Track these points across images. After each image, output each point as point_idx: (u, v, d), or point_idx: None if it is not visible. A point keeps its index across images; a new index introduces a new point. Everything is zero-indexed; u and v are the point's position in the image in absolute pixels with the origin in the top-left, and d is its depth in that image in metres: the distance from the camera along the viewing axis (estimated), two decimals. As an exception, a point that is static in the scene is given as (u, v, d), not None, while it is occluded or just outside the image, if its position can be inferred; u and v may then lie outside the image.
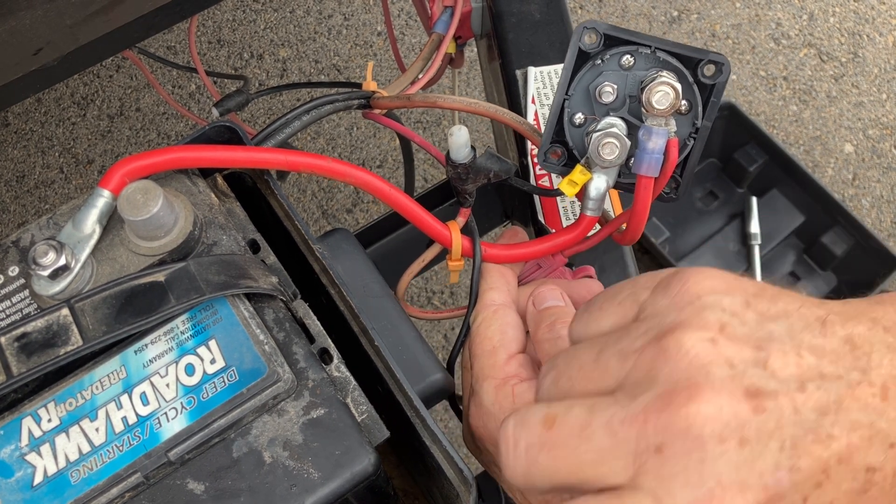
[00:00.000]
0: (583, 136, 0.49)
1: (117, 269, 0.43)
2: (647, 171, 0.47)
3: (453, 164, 0.49)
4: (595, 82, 0.48)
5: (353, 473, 0.40)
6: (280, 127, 0.55)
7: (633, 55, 0.47)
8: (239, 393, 0.40)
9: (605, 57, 0.47)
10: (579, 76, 0.48)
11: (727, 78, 0.47)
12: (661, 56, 0.47)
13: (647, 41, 0.47)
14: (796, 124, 1.67)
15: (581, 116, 0.49)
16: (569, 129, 0.49)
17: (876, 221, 1.60)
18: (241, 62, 1.70)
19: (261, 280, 0.44)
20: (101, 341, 0.40)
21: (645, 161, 0.46)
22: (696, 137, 0.49)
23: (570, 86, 0.48)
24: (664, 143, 0.46)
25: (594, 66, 0.48)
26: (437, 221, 0.51)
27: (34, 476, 0.39)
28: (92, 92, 1.68)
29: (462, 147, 0.49)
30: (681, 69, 0.47)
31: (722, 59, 0.46)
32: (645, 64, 0.47)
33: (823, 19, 1.76)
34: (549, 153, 0.50)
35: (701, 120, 0.48)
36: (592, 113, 0.49)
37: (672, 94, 0.45)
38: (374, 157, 1.62)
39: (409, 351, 0.49)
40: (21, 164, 1.63)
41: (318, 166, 0.47)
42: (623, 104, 0.48)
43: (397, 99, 0.57)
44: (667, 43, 0.47)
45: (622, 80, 0.48)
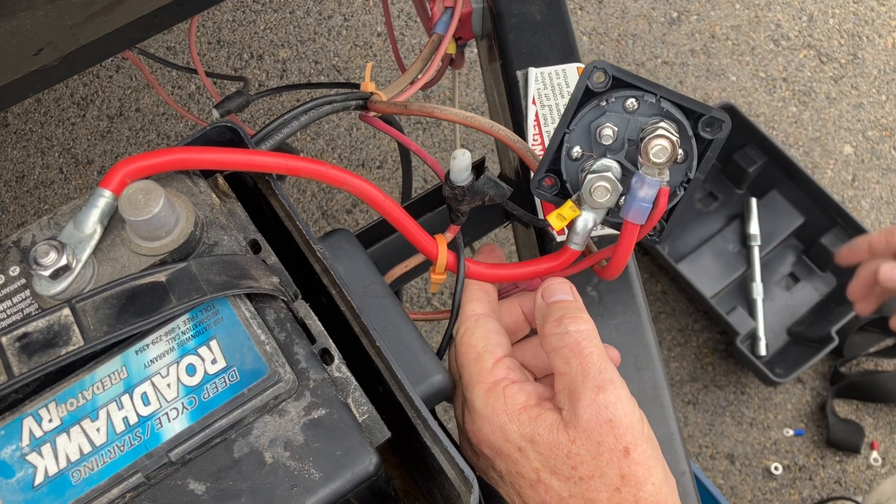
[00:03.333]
0: (578, 170, 0.50)
1: (118, 269, 0.43)
2: (634, 217, 0.48)
3: (451, 185, 0.50)
4: (597, 122, 0.49)
5: (354, 474, 0.40)
6: (278, 127, 0.55)
7: (637, 100, 0.48)
8: (240, 393, 0.40)
9: (611, 99, 0.48)
10: (583, 112, 0.49)
11: (726, 135, 0.48)
12: (665, 106, 0.48)
13: (654, 89, 0.47)
14: (796, 125, 1.67)
15: (579, 150, 0.50)
16: (565, 162, 0.50)
17: (875, 223, 1.60)
18: (241, 63, 1.71)
19: (262, 280, 0.44)
20: (103, 341, 0.40)
21: (633, 207, 0.47)
22: (687, 188, 0.50)
23: (573, 121, 0.49)
24: (655, 193, 0.47)
25: (598, 106, 0.48)
26: (425, 235, 0.51)
27: (35, 476, 0.39)
28: (92, 92, 1.68)
29: (463, 171, 0.49)
30: (682, 121, 0.48)
31: (723, 117, 0.47)
32: (648, 110, 0.48)
33: (823, 21, 1.76)
34: (542, 180, 0.51)
35: (694, 172, 0.49)
36: (590, 149, 0.49)
37: (669, 150, 0.46)
38: (374, 157, 1.62)
39: (409, 351, 0.49)
40: (21, 164, 1.63)
41: (316, 171, 0.48)
42: (621, 147, 0.49)
43: (394, 105, 0.57)
44: (672, 94, 0.47)
45: (624, 123, 0.48)
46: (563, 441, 0.44)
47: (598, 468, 0.43)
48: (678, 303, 1.55)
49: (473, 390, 0.47)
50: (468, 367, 0.49)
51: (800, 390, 1.50)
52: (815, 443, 1.46)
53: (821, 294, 1.53)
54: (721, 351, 1.52)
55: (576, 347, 0.45)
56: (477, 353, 0.49)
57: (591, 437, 0.43)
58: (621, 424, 0.43)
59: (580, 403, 0.44)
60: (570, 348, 0.45)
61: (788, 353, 1.45)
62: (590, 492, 0.43)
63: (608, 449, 0.43)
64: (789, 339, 1.49)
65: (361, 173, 1.61)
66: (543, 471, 0.44)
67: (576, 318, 0.47)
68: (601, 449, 0.43)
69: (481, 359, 0.48)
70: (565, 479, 0.44)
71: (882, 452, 1.46)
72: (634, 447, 0.43)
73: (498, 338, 0.50)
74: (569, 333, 0.46)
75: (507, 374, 0.48)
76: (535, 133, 0.62)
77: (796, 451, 1.46)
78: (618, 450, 0.43)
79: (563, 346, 0.46)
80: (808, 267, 1.54)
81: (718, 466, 1.45)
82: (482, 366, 0.48)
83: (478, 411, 0.47)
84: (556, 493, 0.44)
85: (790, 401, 1.49)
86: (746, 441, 1.46)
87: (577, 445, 0.44)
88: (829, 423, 1.44)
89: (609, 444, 0.43)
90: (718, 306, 1.45)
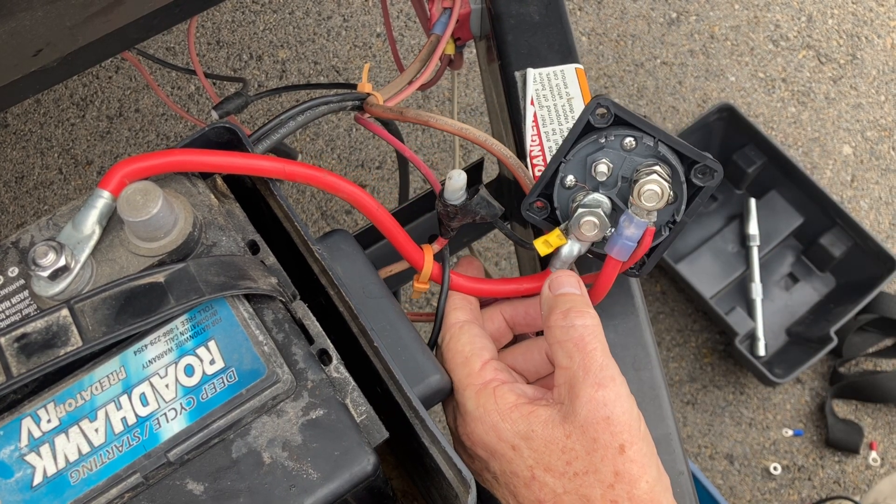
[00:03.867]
0: (569, 199, 0.51)
1: (117, 269, 0.43)
2: (618, 254, 0.49)
3: (445, 202, 0.51)
4: (594, 156, 0.49)
5: (352, 474, 0.40)
6: (275, 127, 0.55)
7: (636, 140, 0.49)
8: (238, 394, 0.41)
9: (610, 136, 0.49)
10: (581, 145, 0.49)
11: (717, 184, 0.49)
12: (661, 150, 0.48)
13: (653, 132, 0.48)
14: (795, 126, 1.67)
15: (572, 179, 0.50)
16: (558, 189, 0.51)
17: (874, 223, 1.60)
18: (241, 63, 1.71)
19: (260, 281, 0.44)
20: (101, 342, 0.40)
21: (619, 245, 0.49)
22: (672, 229, 0.51)
23: (570, 151, 0.50)
24: (641, 233, 0.48)
25: (597, 141, 0.49)
26: (413, 245, 0.53)
27: (34, 476, 0.39)
28: (91, 93, 1.69)
29: (457, 191, 0.50)
30: (676, 166, 0.48)
31: (716, 167, 0.48)
32: (645, 151, 0.49)
33: (822, 21, 1.76)
34: (534, 203, 0.52)
35: (681, 215, 0.50)
36: (584, 181, 0.50)
37: (660, 195, 0.47)
38: (374, 158, 1.62)
39: (407, 352, 0.49)
40: (20, 164, 1.63)
41: (312, 177, 0.48)
42: (615, 184, 0.50)
43: (390, 110, 0.57)
44: (670, 138, 0.48)
45: (620, 160, 0.49)
46: (558, 436, 0.44)
47: (592, 464, 0.43)
48: (677, 303, 1.55)
49: (464, 393, 0.48)
50: (456, 372, 0.49)
51: (799, 390, 1.50)
52: (815, 443, 1.47)
53: (820, 294, 1.53)
54: (720, 351, 1.52)
55: (580, 342, 0.45)
56: (464, 358, 0.49)
57: (587, 433, 0.43)
58: (618, 422, 0.44)
59: (579, 399, 0.44)
60: (573, 342, 0.45)
61: (787, 354, 1.46)
62: (584, 488, 0.43)
63: (603, 445, 0.43)
64: (788, 339, 1.49)
65: (361, 174, 1.61)
66: (538, 468, 0.44)
67: (582, 312, 0.47)
68: (596, 445, 0.43)
69: (469, 362, 0.49)
70: (560, 475, 0.44)
71: (881, 452, 1.46)
72: (630, 445, 0.43)
73: (483, 342, 0.50)
74: (574, 327, 0.46)
75: (496, 374, 0.48)
76: (533, 134, 0.62)
77: (795, 451, 1.46)
78: (613, 447, 0.43)
79: (567, 339, 0.46)
80: (808, 267, 1.54)
81: (717, 467, 1.45)
82: (470, 369, 0.48)
83: (470, 413, 0.47)
84: (550, 489, 0.44)
85: (789, 401, 1.49)
86: (745, 441, 1.46)
87: (573, 440, 0.44)
88: (829, 423, 1.44)
89: (604, 441, 0.43)
90: (717, 306, 1.45)
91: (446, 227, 0.53)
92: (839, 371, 1.49)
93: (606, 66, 1.71)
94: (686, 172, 0.49)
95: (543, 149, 0.62)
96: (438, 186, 0.54)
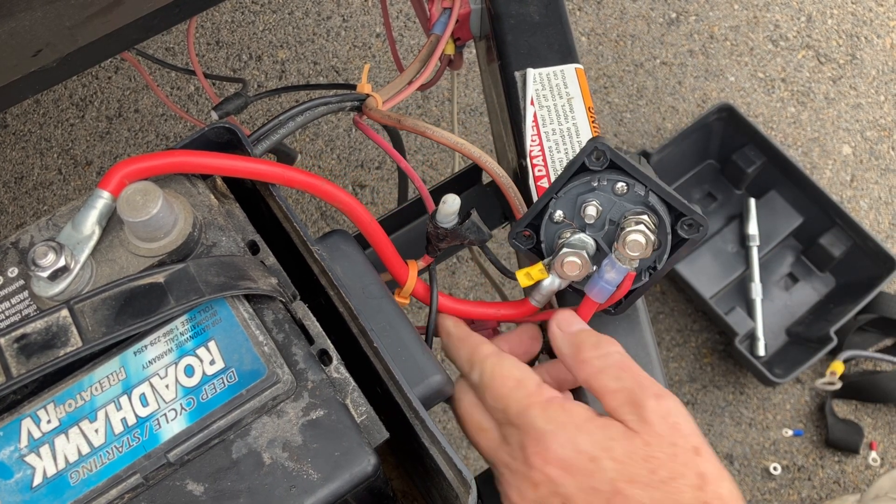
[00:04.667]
0: (555, 235, 0.52)
1: (117, 270, 0.43)
2: (596, 296, 0.51)
3: (436, 224, 0.52)
4: (584, 196, 0.50)
5: (353, 474, 0.40)
6: (274, 128, 0.55)
7: (628, 186, 0.49)
8: (238, 394, 0.41)
9: (603, 181, 0.49)
10: (574, 184, 0.50)
11: (701, 238, 0.50)
12: (651, 200, 0.49)
13: (645, 181, 0.49)
14: (794, 126, 1.67)
15: (561, 215, 0.51)
16: (546, 223, 0.52)
17: (874, 223, 1.60)
18: (240, 64, 1.71)
19: (260, 281, 0.44)
20: (101, 342, 0.40)
21: (598, 287, 0.50)
22: (652, 276, 0.52)
23: (562, 189, 0.51)
24: (622, 279, 0.50)
25: (589, 183, 0.50)
26: (399, 260, 0.54)
27: (33, 477, 0.39)
28: (90, 93, 1.68)
29: (450, 216, 0.51)
30: (663, 216, 0.49)
31: (703, 222, 0.49)
32: (635, 198, 0.50)
33: (821, 21, 1.76)
34: (521, 233, 0.53)
35: (663, 264, 0.51)
36: (572, 218, 0.51)
37: (644, 246, 0.48)
38: (373, 158, 1.62)
39: (407, 352, 0.49)
40: (19, 165, 1.63)
41: (309, 184, 0.49)
42: (602, 227, 0.51)
43: (388, 116, 0.57)
44: (661, 189, 0.49)
45: (609, 203, 0.50)
46: (638, 445, 0.44)
47: (676, 469, 0.43)
48: (677, 303, 1.55)
49: (529, 413, 0.46)
50: (511, 397, 0.47)
51: (799, 390, 1.50)
52: (814, 443, 1.47)
53: (819, 294, 1.53)
54: (720, 351, 1.52)
55: (622, 364, 0.47)
56: (515, 381, 0.48)
57: (665, 439, 0.44)
58: (687, 427, 0.45)
59: (646, 409, 0.44)
60: (617, 366, 0.47)
61: (787, 354, 1.45)
62: (674, 494, 0.43)
63: (682, 450, 0.44)
64: (788, 339, 1.49)
65: (360, 174, 1.61)
66: (621, 480, 0.43)
67: (608, 340, 0.49)
68: (676, 450, 0.44)
69: (523, 384, 0.48)
70: (645, 486, 0.43)
71: (881, 452, 1.46)
72: (702, 447, 0.44)
73: (527, 366, 0.50)
74: (610, 354, 0.48)
75: (555, 393, 0.48)
76: (533, 134, 0.62)
77: (795, 451, 1.46)
78: (689, 449, 0.44)
79: (609, 365, 0.47)
80: (807, 267, 1.54)
81: (717, 467, 1.45)
82: (527, 390, 0.47)
83: (540, 429, 0.45)
84: (637, 500, 0.43)
85: (789, 401, 1.49)
86: (745, 441, 1.46)
87: (653, 448, 0.44)
88: (828, 423, 1.44)
89: (682, 445, 0.44)
90: (717, 307, 1.45)
91: (434, 246, 0.54)
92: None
93: (606, 67, 1.71)
94: (673, 223, 0.50)
95: (543, 149, 0.62)
96: (432, 205, 0.55)
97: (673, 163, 1.56)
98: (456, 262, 1.54)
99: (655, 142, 1.64)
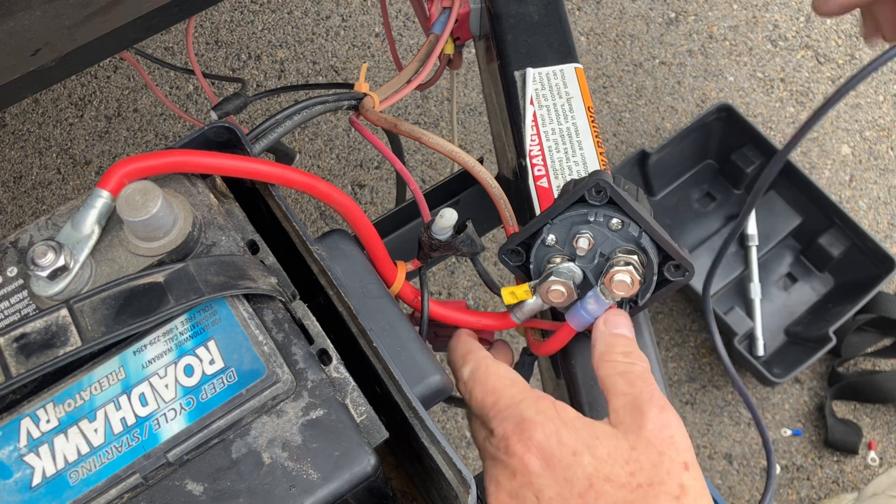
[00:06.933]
0: (544, 259, 0.53)
1: (116, 269, 0.43)
2: (576, 325, 0.53)
3: (430, 235, 0.53)
4: (579, 227, 0.51)
5: (352, 474, 0.40)
6: (271, 127, 0.55)
7: (623, 223, 0.50)
8: (238, 394, 0.41)
9: (599, 217, 0.51)
10: (570, 214, 0.51)
11: (684, 283, 0.52)
12: (643, 240, 0.51)
13: (640, 222, 0.50)
14: (793, 126, 1.67)
15: (553, 239, 0.52)
16: (538, 246, 0.53)
17: (873, 223, 1.60)
18: (239, 63, 1.70)
19: (260, 281, 0.44)
20: (100, 342, 0.40)
21: (578, 316, 0.52)
22: (632, 309, 0.54)
23: (559, 216, 0.52)
24: (602, 311, 0.51)
25: (585, 216, 0.51)
26: (389, 262, 0.55)
27: (33, 477, 0.39)
28: (89, 93, 1.68)
29: (446, 229, 0.52)
30: (652, 257, 0.51)
31: (689, 268, 0.51)
32: (627, 236, 0.51)
33: (820, 21, 1.76)
34: (511, 250, 0.54)
35: (644, 301, 0.53)
36: (563, 245, 0.52)
37: (629, 286, 0.49)
38: (372, 158, 1.62)
39: (407, 352, 0.49)
40: (18, 164, 1.63)
41: (308, 185, 0.49)
42: (592, 259, 0.52)
43: (384, 119, 0.58)
44: (655, 232, 0.50)
45: (602, 237, 0.51)
46: (623, 447, 0.45)
47: (657, 476, 0.44)
48: (676, 303, 1.55)
49: (521, 404, 0.47)
50: (504, 392, 0.48)
51: (797, 390, 1.50)
52: (813, 443, 1.47)
53: (818, 294, 1.53)
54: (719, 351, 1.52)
55: (642, 376, 0.48)
56: (511, 380, 0.49)
57: (653, 447, 0.44)
58: (681, 443, 0.45)
59: (645, 416, 0.45)
60: (636, 375, 0.48)
61: (786, 354, 1.46)
62: (648, 499, 0.43)
63: (669, 459, 0.44)
64: (787, 339, 1.49)
65: (359, 173, 1.61)
66: (597, 477, 0.44)
67: (640, 355, 0.50)
68: (663, 458, 0.44)
69: (517, 383, 0.49)
70: (621, 486, 0.44)
71: (879, 452, 1.46)
72: (692, 465, 0.45)
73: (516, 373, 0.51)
74: (635, 364, 0.49)
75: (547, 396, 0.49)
76: (532, 133, 0.62)
77: (794, 451, 1.46)
78: (678, 462, 0.44)
79: (629, 372, 0.48)
80: (806, 267, 1.54)
81: (716, 466, 1.45)
82: (522, 387, 0.49)
83: (530, 419, 0.46)
84: (609, 499, 0.43)
85: (788, 401, 1.49)
86: (744, 441, 1.46)
87: (638, 453, 0.44)
88: (828, 423, 1.44)
89: (671, 456, 0.44)
90: (716, 306, 1.45)
91: (425, 253, 0.54)
92: (838, 371, 1.49)
93: (605, 66, 1.71)
94: (661, 263, 0.51)
95: (543, 148, 0.62)
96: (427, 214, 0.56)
97: (672, 163, 1.56)
98: (455, 263, 1.54)
99: (654, 141, 1.64)
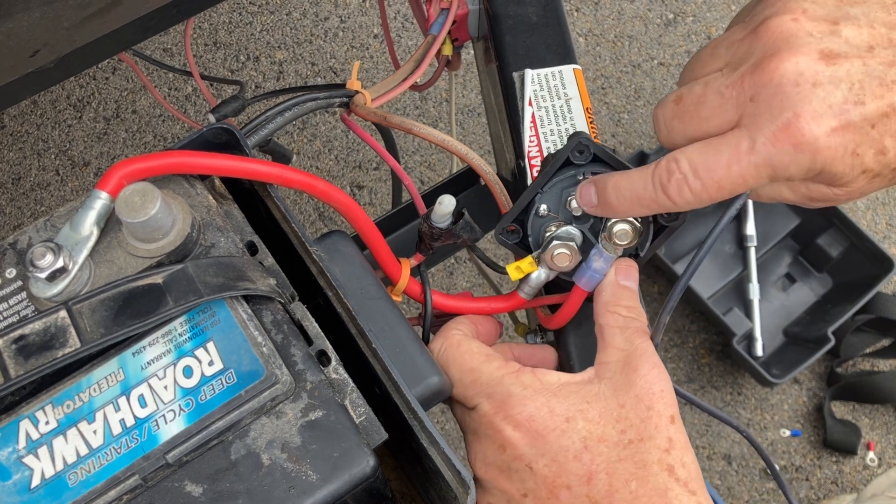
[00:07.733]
0: (541, 228, 0.53)
1: (115, 271, 0.43)
2: (585, 285, 0.53)
3: (431, 224, 0.53)
4: (569, 191, 0.52)
5: (352, 475, 0.40)
6: (262, 123, 0.55)
7: None
8: (237, 395, 0.40)
9: (587, 175, 0.51)
10: (558, 178, 0.52)
11: (680, 226, 0.52)
12: None
13: None
14: (792, 126, 1.67)
15: (546, 209, 0.52)
16: (532, 218, 0.53)
17: (871, 223, 1.60)
18: (238, 64, 1.70)
19: (259, 282, 0.44)
20: (99, 343, 0.40)
21: (587, 276, 0.52)
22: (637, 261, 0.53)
23: (547, 184, 0.52)
24: (609, 266, 0.52)
25: (574, 177, 0.51)
26: (392, 259, 0.55)
27: (31, 479, 0.39)
28: (88, 94, 1.68)
29: (445, 216, 0.52)
30: None
31: None
32: None
33: (818, 22, 1.76)
34: (507, 228, 0.54)
35: (645, 251, 0.53)
36: (557, 212, 0.53)
37: (631, 235, 0.50)
38: (371, 159, 1.62)
39: (406, 353, 0.49)
40: (17, 166, 1.63)
41: (307, 184, 0.49)
42: (588, 220, 0.52)
43: (374, 113, 0.58)
44: None
45: None
46: (612, 406, 0.46)
47: (647, 431, 0.45)
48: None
49: (502, 381, 0.48)
50: (483, 369, 0.49)
51: (796, 391, 1.50)
52: (812, 443, 1.47)
53: (817, 295, 1.53)
54: (718, 352, 1.52)
55: (640, 331, 0.49)
56: (485, 356, 0.50)
57: (642, 402, 0.46)
58: (668, 397, 0.47)
59: (637, 372, 0.47)
60: (634, 330, 0.49)
61: (785, 354, 1.46)
62: (640, 454, 0.45)
63: (657, 414, 0.46)
64: (786, 339, 1.49)
65: (358, 174, 1.61)
66: (591, 439, 0.45)
67: (641, 311, 0.51)
68: (650, 413, 0.46)
69: (492, 358, 0.50)
70: (614, 444, 0.45)
71: (878, 453, 1.46)
72: (678, 418, 0.46)
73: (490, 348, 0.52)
74: (636, 319, 0.50)
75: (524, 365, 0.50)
76: (531, 135, 0.62)
77: (793, 451, 1.47)
78: (666, 416, 0.46)
79: (628, 327, 0.49)
80: (805, 268, 1.54)
81: (715, 467, 1.45)
82: (498, 362, 0.50)
83: (516, 395, 0.47)
84: (604, 458, 0.45)
85: (787, 401, 1.50)
86: (743, 442, 1.46)
87: (627, 410, 0.46)
88: (826, 423, 1.44)
89: (659, 410, 0.46)
90: (715, 307, 1.45)
91: (427, 245, 0.55)
92: (836, 371, 1.49)
93: (604, 67, 1.72)
94: None
95: (542, 149, 0.62)
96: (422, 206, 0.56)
97: (670, 163, 1.56)
98: (454, 263, 1.53)
99: (653, 142, 1.65)
